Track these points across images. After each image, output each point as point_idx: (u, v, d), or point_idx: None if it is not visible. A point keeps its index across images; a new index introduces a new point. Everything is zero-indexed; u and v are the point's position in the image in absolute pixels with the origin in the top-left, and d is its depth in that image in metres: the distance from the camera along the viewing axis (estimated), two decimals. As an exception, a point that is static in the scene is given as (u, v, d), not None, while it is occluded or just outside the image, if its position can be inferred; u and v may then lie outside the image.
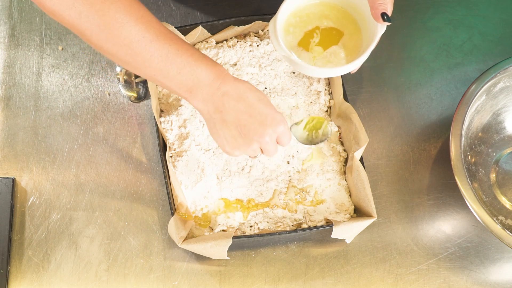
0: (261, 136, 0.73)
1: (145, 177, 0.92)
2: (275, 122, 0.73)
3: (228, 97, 0.72)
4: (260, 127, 0.72)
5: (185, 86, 0.72)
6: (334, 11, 0.84)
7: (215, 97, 0.72)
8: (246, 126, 0.72)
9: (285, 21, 0.83)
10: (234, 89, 0.72)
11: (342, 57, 0.83)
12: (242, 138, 0.73)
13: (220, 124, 0.73)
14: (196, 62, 0.71)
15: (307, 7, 0.84)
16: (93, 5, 0.66)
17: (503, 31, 1.04)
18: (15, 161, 0.92)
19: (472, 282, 0.89)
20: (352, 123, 0.88)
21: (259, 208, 0.88)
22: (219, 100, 0.72)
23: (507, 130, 0.97)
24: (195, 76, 0.71)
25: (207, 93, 0.72)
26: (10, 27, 0.99)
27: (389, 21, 0.76)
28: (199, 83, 0.71)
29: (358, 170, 0.86)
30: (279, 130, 0.74)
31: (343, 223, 0.84)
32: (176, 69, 0.70)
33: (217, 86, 0.72)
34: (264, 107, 0.73)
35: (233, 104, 0.72)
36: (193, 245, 0.82)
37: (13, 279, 0.86)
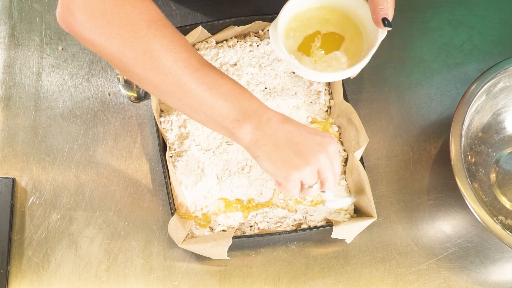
0: (320, 151, 0.70)
1: (145, 177, 0.92)
2: (327, 139, 0.70)
3: (274, 121, 0.70)
4: (314, 141, 0.70)
5: (232, 115, 0.69)
6: (334, 15, 0.84)
7: (262, 123, 0.69)
8: (299, 143, 0.69)
9: (286, 25, 0.83)
10: (277, 115, 0.70)
11: (342, 62, 0.83)
12: (297, 156, 0.69)
13: (272, 148, 0.69)
14: (239, 90, 0.69)
15: (308, 11, 0.84)
16: (138, 32, 0.64)
17: (503, 31, 1.04)
18: (15, 161, 0.92)
19: (472, 282, 0.89)
20: (352, 123, 0.88)
21: (259, 208, 0.88)
22: (266, 125, 0.69)
23: (507, 130, 0.97)
24: (241, 103, 0.69)
25: (254, 120, 0.69)
26: (10, 27, 0.99)
27: (390, 26, 0.76)
28: (245, 110, 0.69)
29: (358, 170, 0.86)
30: (332, 148, 0.71)
31: (343, 223, 0.84)
32: (223, 97, 0.68)
33: (261, 113, 0.70)
34: (310, 128, 0.71)
35: (281, 127, 0.69)
36: (193, 245, 0.82)
37: (13, 279, 0.86)
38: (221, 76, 0.69)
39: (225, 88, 0.69)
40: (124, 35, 0.64)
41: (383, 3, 0.76)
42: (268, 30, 0.96)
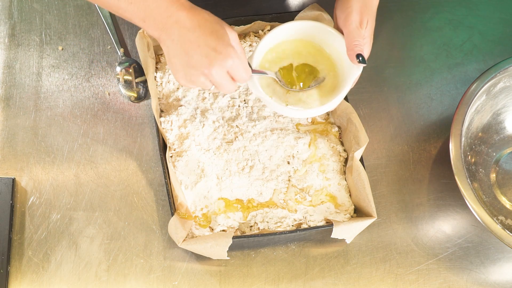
0: (207, 68, 0.71)
1: (145, 177, 0.92)
2: (221, 56, 0.71)
3: (179, 25, 0.71)
4: (205, 59, 0.71)
5: (137, 16, 0.72)
6: (308, 48, 0.84)
7: (168, 25, 0.71)
8: (193, 56, 0.71)
9: (262, 58, 0.83)
10: (188, 18, 0.71)
11: (318, 97, 0.82)
12: (190, 68, 0.72)
13: (173, 52, 0.72)
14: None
15: (283, 43, 0.84)
16: None
17: (503, 31, 1.04)
18: (15, 161, 0.92)
19: (472, 282, 0.89)
20: (352, 123, 0.88)
21: (259, 208, 0.88)
22: (171, 27, 0.71)
23: (507, 130, 0.97)
24: (146, 5, 0.71)
25: (160, 22, 0.71)
26: (10, 27, 0.99)
27: (364, 63, 0.76)
28: (150, 12, 0.71)
29: (358, 170, 0.86)
30: (227, 65, 0.71)
31: (343, 223, 0.84)
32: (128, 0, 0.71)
33: (169, 14, 0.71)
34: (215, 39, 0.71)
35: (184, 33, 0.71)
36: (193, 245, 0.82)
37: (13, 279, 0.86)
38: None
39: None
40: None
41: (358, 39, 0.76)
42: (268, 30, 0.96)
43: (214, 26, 0.71)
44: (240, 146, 0.90)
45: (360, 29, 0.76)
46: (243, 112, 0.92)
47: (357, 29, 0.76)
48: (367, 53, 0.77)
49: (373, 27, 0.78)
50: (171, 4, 0.71)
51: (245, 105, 0.93)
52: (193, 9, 0.72)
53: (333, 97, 0.80)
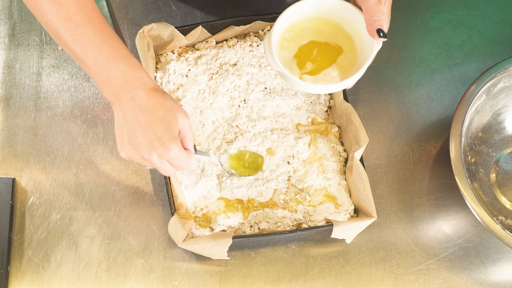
0: (148, 154, 0.73)
1: (145, 177, 0.92)
2: (163, 148, 0.73)
3: (133, 102, 0.72)
4: (148, 146, 0.73)
5: (99, 78, 0.73)
6: (328, 26, 0.84)
7: (123, 98, 0.73)
8: (137, 138, 0.73)
9: (280, 36, 0.82)
10: (144, 99, 0.72)
11: (337, 73, 0.82)
12: (133, 147, 0.73)
13: (121, 125, 0.74)
14: (114, 59, 0.72)
15: (302, 22, 0.84)
16: None
17: (503, 31, 1.04)
18: (15, 161, 0.92)
19: (472, 282, 0.89)
20: (352, 123, 0.88)
21: (259, 208, 0.88)
22: (125, 102, 0.73)
23: (507, 130, 0.97)
24: (109, 72, 0.72)
25: (117, 92, 0.73)
26: (10, 27, 0.99)
27: (385, 37, 0.76)
28: (111, 80, 0.72)
29: (358, 170, 0.86)
30: (167, 156, 0.73)
31: (343, 223, 0.84)
32: (94, 60, 0.72)
33: (128, 89, 0.72)
34: (162, 128, 0.72)
35: (136, 112, 0.72)
36: (193, 245, 0.82)
37: (13, 279, 0.86)
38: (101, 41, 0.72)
39: (98, 53, 0.71)
40: None
41: (378, 14, 0.76)
42: (268, 30, 0.96)
43: (166, 115, 0.73)
44: (240, 146, 0.90)
45: (380, 5, 0.76)
46: (243, 112, 0.92)
47: (376, 4, 0.76)
48: (386, 28, 0.77)
49: (390, 2, 0.78)
50: (134, 80, 0.73)
51: (245, 105, 0.93)
52: (152, 92, 0.73)
53: (353, 73, 0.80)
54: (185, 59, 0.93)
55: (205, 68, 0.93)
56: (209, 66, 0.93)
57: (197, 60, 0.93)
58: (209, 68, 0.93)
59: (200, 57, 0.94)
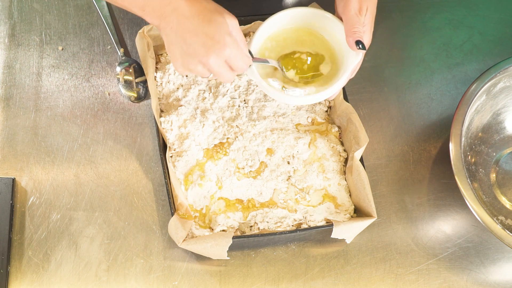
0: (205, 57, 0.71)
1: (145, 177, 0.92)
2: (218, 45, 0.70)
3: (178, 13, 0.70)
4: (202, 48, 0.70)
5: (136, 4, 0.72)
6: (311, 37, 0.84)
7: (166, 13, 0.71)
8: (190, 45, 0.71)
9: (261, 45, 0.82)
10: (187, 6, 0.71)
11: (318, 84, 0.82)
12: (188, 56, 0.71)
13: (171, 40, 0.72)
14: None
15: (284, 31, 0.83)
16: None
17: (503, 31, 1.04)
18: (15, 161, 0.92)
19: (472, 282, 0.89)
20: (352, 123, 0.88)
21: (259, 208, 0.88)
22: (169, 15, 0.71)
23: (507, 130, 0.97)
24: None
25: (158, 10, 0.71)
26: (10, 27, 0.99)
27: (364, 49, 0.76)
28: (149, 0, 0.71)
29: (358, 170, 0.86)
30: (225, 54, 0.71)
31: (343, 223, 0.84)
32: None
33: (168, 2, 0.71)
34: (213, 28, 0.70)
35: (182, 21, 0.70)
36: (193, 245, 0.82)
37: (13, 279, 0.86)
38: None
39: None
40: None
41: (357, 25, 0.76)
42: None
43: (212, 15, 0.71)
44: (240, 146, 0.90)
45: (360, 16, 0.76)
46: (243, 112, 0.92)
47: (356, 16, 0.76)
48: (367, 40, 0.77)
49: (373, 14, 0.78)
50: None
51: (245, 105, 0.93)
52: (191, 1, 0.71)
53: (332, 84, 0.79)
54: (185, 59, 0.93)
55: (205, 68, 0.93)
56: (209, 66, 0.93)
57: (197, 60, 0.93)
58: (209, 68, 0.93)
59: (200, 57, 0.94)
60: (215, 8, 0.72)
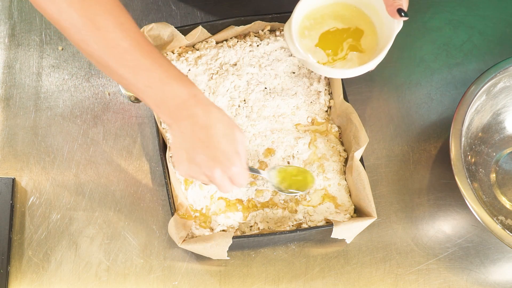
0: (210, 171, 0.72)
1: (145, 177, 0.92)
2: (228, 163, 0.72)
3: (192, 121, 0.71)
4: (210, 162, 0.71)
5: (153, 100, 0.71)
6: (348, 11, 0.84)
7: (181, 118, 0.71)
8: (198, 155, 0.71)
9: (300, 24, 0.83)
10: (203, 116, 0.71)
11: (359, 57, 0.82)
12: (194, 165, 0.72)
13: (180, 145, 0.72)
14: (167, 79, 0.70)
15: (321, 9, 0.84)
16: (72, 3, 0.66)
17: (503, 31, 1.04)
18: (15, 161, 0.92)
19: (472, 282, 0.89)
20: (352, 123, 0.88)
21: (259, 208, 0.88)
22: (184, 120, 0.71)
23: (507, 130, 0.97)
24: (164, 93, 0.70)
25: (173, 112, 0.71)
26: (10, 27, 0.99)
27: (406, 16, 0.76)
28: (167, 100, 0.70)
29: (358, 170, 0.86)
30: (231, 172, 0.72)
31: (343, 223, 0.84)
32: (146, 83, 0.70)
33: (185, 107, 0.71)
34: (225, 143, 0.71)
35: (196, 130, 0.71)
36: (193, 245, 0.82)
37: (13, 279, 0.86)
38: (151, 62, 0.70)
39: (150, 75, 0.70)
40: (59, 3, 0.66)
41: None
42: (268, 30, 0.96)
43: (226, 130, 0.72)
44: (240, 146, 0.90)
45: None
46: (243, 112, 0.92)
47: None
48: (405, 7, 0.77)
49: None
50: (189, 97, 0.71)
51: (245, 105, 0.93)
52: (209, 107, 0.71)
53: (376, 55, 0.79)
54: (185, 59, 0.93)
55: (205, 68, 0.93)
56: (209, 66, 0.93)
57: (197, 60, 0.93)
58: (209, 68, 0.93)
59: (200, 57, 0.94)
60: (228, 122, 0.72)
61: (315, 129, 0.93)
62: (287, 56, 0.94)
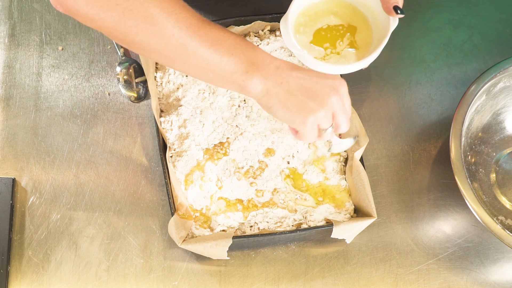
0: (328, 97, 0.70)
1: (145, 177, 0.92)
2: (336, 82, 0.71)
3: (282, 69, 0.70)
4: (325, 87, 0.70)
5: (240, 68, 0.69)
6: (342, 8, 0.84)
7: (271, 72, 0.70)
8: (311, 88, 0.70)
9: (295, 21, 0.83)
10: (284, 63, 0.71)
11: (353, 54, 0.82)
12: (311, 101, 0.70)
13: (285, 95, 0.70)
14: (243, 42, 0.70)
15: (315, 5, 0.84)
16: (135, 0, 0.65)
17: (503, 31, 1.04)
18: (15, 161, 0.92)
19: (472, 282, 0.89)
20: (352, 123, 0.88)
21: (259, 208, 0.88)
22: (275, 74, 0.70)
23: (507, 130, 0.97)
24: (247, 55, 0.69)
25: (263, 70, 0.70)
26: (10, 27, 0.99)
27: (403, 13, 0.75)
28: (252, 61, 0.69)
29: (358, 170, 0.86)
30: (343, 89, 0.72)
31: (343, 223, 0.84)
32: (228, 52, 0.68)
33: (268, 62, 0.70)
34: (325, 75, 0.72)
35: (290, 73, 0.70)
36: (193, 245, 0.82)
37: (13, 279, 0.86)
38: (223, 32, 0.70)
39: (229, 42, 0.69)
40: (122, 4, 0.64)
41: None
42: (268, 30, 0.96)
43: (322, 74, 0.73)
44: (240, 146, 0.90)
45: None
46: (243, 112, 0.92)
47: None
48: (401, 4, 0.77)
49: None
50: (265, 55, 0.71)
51: (245, 104, 0.93)
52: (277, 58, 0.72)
53: (370, 52, 0.80)
54: (185, 59, 0.93)
55: (205, 68, 0.93)
56: (209, 66, 0.93)
57: (197, 60, 0.93)
58: (209, 68, 0.93)
59: (200, 57, 0.94)
60: None
61: (315, 129, 0.93)
62: (287, 56, 0.94)
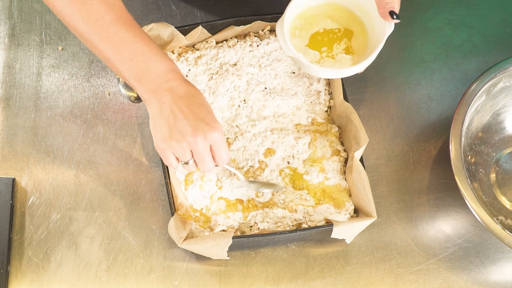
0: (192, 137, 0.72)
1: (145, 177, 0.92)
2: (208, 127, 0.72)
3: (172, 92, 0.73)
4: (194, 123, 0.72)
5: (134, 73, 0.73)
6: (339, 12, 0.84)
7: (161, 89, 0.73)
8: (180, 120, 0.72)
9: (291, 24, 0.83)
10: (182, 87, 0.73)
11: (349, 58, 0.82)
12: (175, 131, 0.72)
13: (158, 115, 0.73)
14: (150, 53, 0.73)
15: (312, 9, 0.84)
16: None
17: (503, 31, 1.04)
18: (15, 161, 0.92)
19: (472, 282, 0.89)
20: (352, 123, 0.88)
21: (259, 208, 0.88)
22: (163, 92, 0.73)
23: (507, 130, 0.97)
24: (146, 65, 0.72)
25: (154, 84, 0.73)
26: (10, 27, 0.99)
27: (398, 19, 0.76)
28: (148, 72, 0.72)
29: (358, 170, 0.86)
30: (213, 137, 0.73)
31: (343, 223, 0.84)
32: (129, 55, 0.72)
33: (165, 80, 0.73)
34: (205, 112, 0.73)
35: (176, 99, 0.72)
36: (193, 245, 0.82)
37: (13, 279, 0.86)
38: (134, 35, 0.72)
39: (133, 47, 0.72)
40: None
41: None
42: (268, 30, 0.96)
43: (204, 101, 0.74)
44: (240, 146, 0.90)
45: None
46: (243, 112, 0.92)
47: None
48: (397, 9, 0.77)
49: None
50: (169, 71, 0.73)
51: (245, 105, 0.93)
52: (186, 81, 0.74)
53: (366, 57, 0.80)
54: (185, 59, 0.93)
55: (205, 68, 0.93)
56: (209, 66, 0.93)
57: (197, 60, 0.94)
58: (209, 68, 0.93)
59: (200, 57, 0.94)
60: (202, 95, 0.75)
61: (315, 129, 0.93)
62: (287, 56, 0.94)
